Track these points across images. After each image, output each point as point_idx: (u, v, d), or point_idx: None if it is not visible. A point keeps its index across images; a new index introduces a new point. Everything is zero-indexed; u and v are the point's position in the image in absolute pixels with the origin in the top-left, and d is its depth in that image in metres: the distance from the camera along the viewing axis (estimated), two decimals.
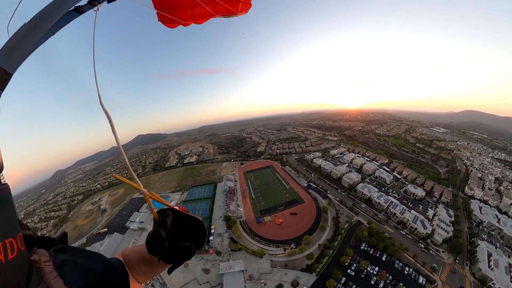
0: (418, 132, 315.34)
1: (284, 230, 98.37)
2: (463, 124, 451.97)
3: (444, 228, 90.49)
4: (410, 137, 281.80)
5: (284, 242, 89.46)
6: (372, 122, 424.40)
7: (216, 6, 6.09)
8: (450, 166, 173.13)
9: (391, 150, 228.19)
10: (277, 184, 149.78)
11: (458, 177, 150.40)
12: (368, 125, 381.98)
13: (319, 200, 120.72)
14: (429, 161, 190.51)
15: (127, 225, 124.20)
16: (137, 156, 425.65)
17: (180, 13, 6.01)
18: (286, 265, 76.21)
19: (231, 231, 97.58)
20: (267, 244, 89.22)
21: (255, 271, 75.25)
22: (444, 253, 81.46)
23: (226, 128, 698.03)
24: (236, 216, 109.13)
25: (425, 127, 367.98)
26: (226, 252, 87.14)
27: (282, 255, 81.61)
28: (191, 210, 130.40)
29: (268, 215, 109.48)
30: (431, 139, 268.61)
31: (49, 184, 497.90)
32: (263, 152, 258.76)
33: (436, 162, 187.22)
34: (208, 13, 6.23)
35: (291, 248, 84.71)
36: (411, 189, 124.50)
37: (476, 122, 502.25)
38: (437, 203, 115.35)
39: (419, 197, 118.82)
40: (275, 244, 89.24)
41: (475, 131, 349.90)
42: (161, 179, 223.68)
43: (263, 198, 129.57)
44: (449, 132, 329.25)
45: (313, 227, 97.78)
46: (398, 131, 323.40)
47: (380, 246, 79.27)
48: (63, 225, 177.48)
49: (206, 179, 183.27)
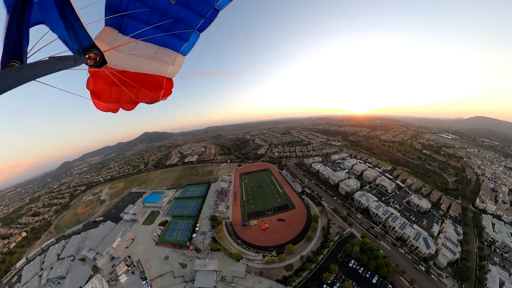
0: (425, 138, 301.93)
1: (268, 236, 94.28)
2: (473, 131, 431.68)
3: (451, 248, 77.94)
4: (417, 143, 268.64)
5: (266, 249, 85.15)
6: (378, 128, 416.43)
7: (141, 95, 8.45)
8: (459, 175, 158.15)
9: (396, 157, 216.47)
10: (271, 187, 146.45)
11: (468, 188, 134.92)
12: (373, 131, 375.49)
13: (311, 207, 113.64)
14: (437, 169, 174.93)
15: (121, 215, 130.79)
16: (141, 153, 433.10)
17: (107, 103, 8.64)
18: (261, 272, 72.58)
19: (215, 230, 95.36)
20: (247, 248, 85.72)
21: (228, 274, 72.58)
22: (448, 279, 69.21)
23: (231, 130, 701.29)
24: (223, 217, 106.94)
25: (432, 133, 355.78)
26: (205, 251, 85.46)
27: (259, 262, 77.72)
28: (182, 207, 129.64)
29: (255, 219, 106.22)
30: (439, 146, 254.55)
31: (55, 174, 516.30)
32: (263, 154, 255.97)
33: (444, 170, 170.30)
34: (133, 101, 8.69)
35: (271, 256, 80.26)
36: (415, 199, 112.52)
37: (487, 129, 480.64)
38: (444, 217, 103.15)
39: (423, 209, 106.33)
40: (255, 249, 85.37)
41: (485, 138, 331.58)
42: (160, 176, 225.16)
43: (253, 201, 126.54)
44: (458, 139, 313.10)
45: (300, 236, 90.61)
46: (404, 137, 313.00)
47: (372, 266, 69.13)
48: (64, 211, 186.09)
49: (202, 179, 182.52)
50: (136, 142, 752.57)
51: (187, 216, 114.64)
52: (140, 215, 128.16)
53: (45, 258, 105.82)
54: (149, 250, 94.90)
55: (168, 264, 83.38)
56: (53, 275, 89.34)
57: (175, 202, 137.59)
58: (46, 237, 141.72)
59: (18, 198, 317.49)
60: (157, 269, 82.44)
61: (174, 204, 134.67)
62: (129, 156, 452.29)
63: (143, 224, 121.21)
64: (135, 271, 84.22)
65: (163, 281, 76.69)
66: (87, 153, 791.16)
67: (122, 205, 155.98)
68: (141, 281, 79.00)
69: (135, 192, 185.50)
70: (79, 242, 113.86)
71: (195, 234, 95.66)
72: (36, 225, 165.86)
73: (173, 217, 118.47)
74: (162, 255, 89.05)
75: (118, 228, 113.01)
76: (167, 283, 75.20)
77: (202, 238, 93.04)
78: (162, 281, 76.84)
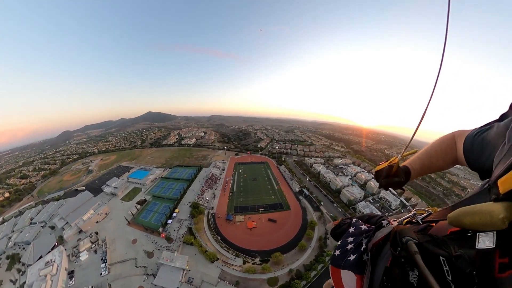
0: None
1: (254, 237, 79.12)
2: None
3: None
4: None
5: (248, 253, 70.11)
6: (382, 142, 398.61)
7: None
8: None
9: None
10: (266, 182, 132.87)
11: None
12: (377, 144, 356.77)
13: (308, 210, 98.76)
14: (441, 194, 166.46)
15: (103, 187, 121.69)
16: (141, 131, 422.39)
17: None
18: (237, 282, 57.83)
19: (194, 220, 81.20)
20: (226, 248, 71.13)
21: (197, 276, 58.46)
22: None
23: (235, 121, 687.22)
24: (206, 206, 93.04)
25: None
26: (177, 242, 71.31)
27: (237, 268, 62.87)
28: (165, 188, 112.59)
29: (241, 214, 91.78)
30: (443, 171, 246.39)
31: (55, 141, 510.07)
32: (263, 148, 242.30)
33: (448, 197, 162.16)
34: None
35: (253, 263, 65.16)
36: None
37: None
38: None
39: None
40: (236, 251, 70.60)
41: None
42: (153, 154, 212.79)
43: (244, 194, 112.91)
44: (462, 169, 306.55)
45: (291, 243, 75.24)
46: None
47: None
48: (51, 177, 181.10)
49: (195, 162, 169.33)
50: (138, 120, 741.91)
51: (168, 199, 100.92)
52: (121, 190, 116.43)
53: (18, 221, 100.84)
54: (119, 229, 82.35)
55: (134, 250, 70.12)
56: (20, 239, 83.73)
57: (159, 182, 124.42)
58: (27, 199, 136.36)
59: (14, 160, 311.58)
60: (120, 252, 69.59)
61: (158, 184, 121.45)
62: (129, 132, 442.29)
63: (122, 199, 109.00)
64: (98, 250, 72.23)
65: (123, 268, 63.73)
66: (89, 125, 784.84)
67: (107, 177, 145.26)
68: (101, 263, 66.95)
69: (123, 166, 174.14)
70: (54, 209, 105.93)
71: (170, 220, 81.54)
72: (21, 187, 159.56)
73: (153, 197, 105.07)
74: (131, 238, 76.27)
75: (93, 200, 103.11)
76: (127, 272, 62.14)
77: (177, 227, 79.16)
78: (122, 267, 63.92)
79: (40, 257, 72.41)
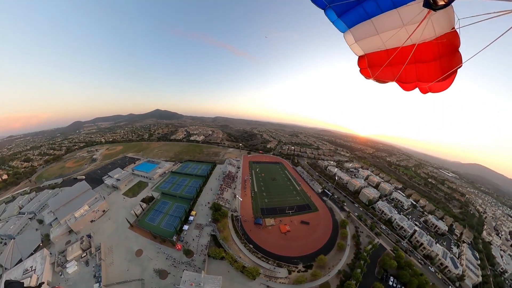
0: (428, 170, 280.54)
1: (290, 242, 62.46)
2: (470, 176, 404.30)
3: (474, 271, 69.30)
4: (421, 172, 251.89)
5: (289, 260, 54.39)
6: (382, 150, 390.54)
7: None
8: (463, 208, 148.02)
9: (402, 179, 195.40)
10: (286, 182, 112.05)
11: (473, 220, 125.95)
12: (378, 152, 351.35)
13: (335, 211, 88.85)
14: (442, 199, 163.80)
15: (104, 178, 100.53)
16: (149, 126, 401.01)
17: None
18: None
19: (217, 226, 60.02)
20: (264, 259, 52.56)
21: None
22: None
23: (239, 123, 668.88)
24: (229, 207, 71.98)
25: (434, 167, 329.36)
26: (200, 256, 50.07)
27: (285, 281, 46.47)
28: (176, 184, 77.61)
29: (271, 217, 72.28)
30: (442, 179, 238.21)
31: (65, 130, 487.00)
32: (273, 148, 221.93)
33: (449, 201, 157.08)
34: None
35: (298, 271, 50.24)
36: (432, 220, 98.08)
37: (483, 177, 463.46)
38: (459, 241, 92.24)
39: (441, 230, 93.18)
40: (276, 260, 53.25)
41: (482, 185, 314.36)
42: (161, 148, 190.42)
43: (267, 194, 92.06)
44: (458, 178, 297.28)
45: (329, 244, 65.45)
46: (408, 164, 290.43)
47: (414, 284, 52.78)
48: (54, 163, 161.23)
49: (206, 158, 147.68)
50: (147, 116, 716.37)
51: (181, 198, 78.69)
52: (124, 183, 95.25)
53: (8, 207, 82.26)
54: (119, 233, 60.40)
55: (139, 265, 48.42)
56: (3, 232, 66.07)
57: (169, 177, 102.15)
58: (24, 184, 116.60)
59: (23, 144, 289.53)
60: (120, 268, 48.09)
61: (167, 179, 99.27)
62: (137, 127, 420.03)
63: (124, 194, 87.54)
64: (90, 262, 50.93)
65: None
66: (99, 117, 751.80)
67: (111, 167, 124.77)
68: (93, 281, 45.58)
69: (129, 157, 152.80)
70: (47, 198, 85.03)
71: (187, 226, 59.40)
72: (21, 171, 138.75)
73: (162, 194, 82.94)
74: (134, 247, 54.40)
75: (90, 193, 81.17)
76: None
77: (196, 234, 57.42)
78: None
79: (20, 260, 54.58)
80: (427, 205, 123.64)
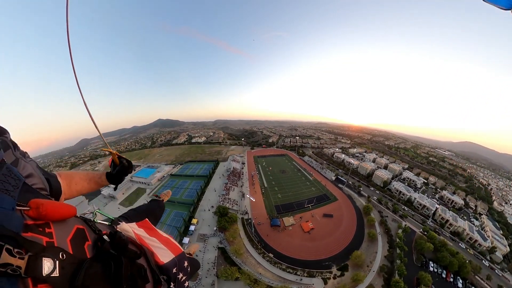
0: (426, 150, 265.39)
1: (317, 241, 47.80)
2: (463, 153, 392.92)
3: (500, 241, 64.01)
4: (421, 152, 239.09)
5: (319, 265, 40.11)
6: (378, 136, 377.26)
7: None
8: (469, 182, 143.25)
9: (405, 160, 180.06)
10: (297, 174, 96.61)
11: (481, 192, 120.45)
12: (375, 137, 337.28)
13: (355, 198, 75.04)
14: (447, 175, 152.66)
15: (101, 188, 78.91)
16: (152, 135, 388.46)
17: None
18: None
19: (225, 235, 44.23)
20: (291, 270, 37.47)
21: None
22: (507, 273, 51.65)
23: (238, 124, 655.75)
24: (237, 210, 56.37)
25: (430, 148, 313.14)
26: (207, 277, 34.49)
27: None
28: (176, 188, 46.59)
29: (289, 215, 56.83)
30: (441, 157, 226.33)
31: (73, 149, 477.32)
32: (275, 143, 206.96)
33: (454, 177, 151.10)
34: None
35: (334, 276, 36.65)
36: (448, 195, 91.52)
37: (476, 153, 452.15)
38: (475, 214, 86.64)
39: (458, 205, 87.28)
40: (306, 268, 38.29)
41: (477, 161, 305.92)
42: (162, 152, 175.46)
43: (279, 189, 76.58)
44: (455, 156, 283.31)
45: (358, 236, 52.77)
46: (406, 145, 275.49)
47: (454, 266, 45.04)
48: None
49: (208, 157, 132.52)
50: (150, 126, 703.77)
51: (180, 203, 63.04)
52: (122, 192, 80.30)
53: None
54: None
55: None
56: None
57: (168, 180, 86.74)
58: None
59: None
60: None
61: (166, 183, 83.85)
62: (141, 138, 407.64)
63: (120, 204, 72.55)
64: None
65: None
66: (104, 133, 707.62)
67: None
68: None
69: None
70: None
71: (187, 239, 43.12)
72: None
73: None
74: None
75: (83, 206, 65.72)
76: None
77: (200, 249, 41.83)
78: None
79: None
80: (438, 182, 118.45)
